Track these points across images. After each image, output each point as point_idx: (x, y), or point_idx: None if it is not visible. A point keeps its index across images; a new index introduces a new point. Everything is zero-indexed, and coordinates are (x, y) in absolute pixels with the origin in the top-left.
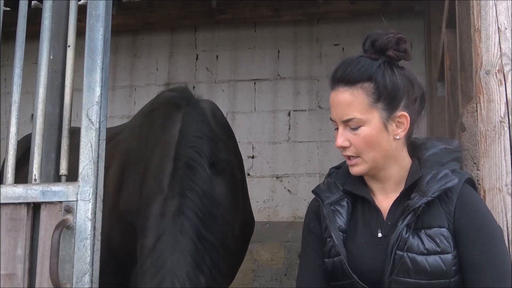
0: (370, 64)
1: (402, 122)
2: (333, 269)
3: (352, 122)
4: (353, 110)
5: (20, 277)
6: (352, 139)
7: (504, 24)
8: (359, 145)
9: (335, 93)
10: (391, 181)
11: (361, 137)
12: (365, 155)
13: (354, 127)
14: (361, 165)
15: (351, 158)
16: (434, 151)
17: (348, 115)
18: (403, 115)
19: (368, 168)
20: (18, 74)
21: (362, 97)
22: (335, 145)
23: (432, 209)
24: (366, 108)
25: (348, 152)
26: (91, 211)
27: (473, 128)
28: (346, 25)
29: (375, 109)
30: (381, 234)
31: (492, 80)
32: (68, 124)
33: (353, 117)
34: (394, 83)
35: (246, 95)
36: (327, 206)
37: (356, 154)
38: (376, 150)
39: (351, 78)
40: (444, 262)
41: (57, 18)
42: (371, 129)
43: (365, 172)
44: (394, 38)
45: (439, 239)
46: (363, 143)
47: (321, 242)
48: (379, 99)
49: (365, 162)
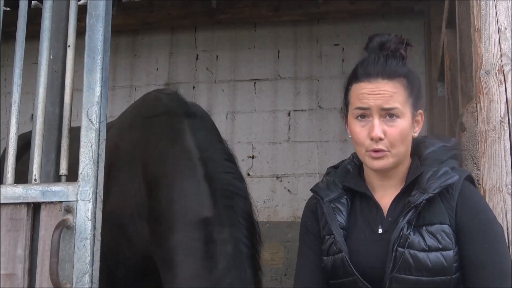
0: (401, 62)
1: (418, 120)
2: (333, 267)
3: (393, 111)
4: (395, 101)
5: (20, 277)
6: (389, 130)
7: (504, 24)
8: (394, 137)
9: (375, 85)
10: (396, 178)
11: (398, 129)
12: (395, 148)
13: (392, 118)
14: (387, 159)
15: (380, 151)
16: (433, 149)
17: (391, 104)
18: (421, 113)
19: (393, 163)
20: (18, 74)
21: (401, 90)
22: (372, 135)
23: (433, 206)
24: (404, 101)
25: (381, 145)
26: (91, 211)
27: (473, 128)
28: (346, 25)
29: (408, 105)
30: (381, 230)
31: (492, 80)
32: (68, 124)
33: (396, 106)
34: (419, 81)
35: (246, 95)
36: (326, 203)
37: (387, 148)
38: (405, 144)
39: (391, 72)
40: (445, 258)
41: (57, 18)
42: (406, 122)
43: (389, 167)
44: (400, 39)
45: (441, 235)
46: (398, 135)
47: (318, 241)
48: (411, 95)
49: (392, 156)
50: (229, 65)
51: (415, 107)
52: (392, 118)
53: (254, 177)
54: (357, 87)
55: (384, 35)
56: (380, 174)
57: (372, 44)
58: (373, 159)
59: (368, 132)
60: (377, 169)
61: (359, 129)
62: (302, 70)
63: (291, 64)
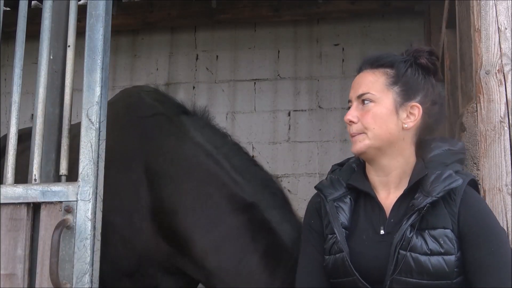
0: (397, 56)
1: (414, 113)
2: (334, 266)
3: (365, 96)
4: (370, 88)
5: (20, 277)
6: (361, 114)
7: (504, 24)
8: (365, 119)
9: (359, 75)
10: (394, 173)
11: (370, 112)
12: (370, 131)
13: (365, 103)
14: (363, 141)
15: (354, 135)
16: (439, 152)
17: (363, 90)
18: (416, 106)
19: (370, 145)
20: (18, 74)
21: (381, 78)
22: (344, 118)
23: (437, 209)
24: (381, 87)
25: (354, 128)
26: (91, 211)
27: (473, 128)
28: (346, 25)
29: (391, 92)
30: (383, 231)
31: (492, 80)
32: (68, 124)
33: (367, 91)
34: (413, 75)
35: (246, 95)
36: (330, 202)
37: (361, 131)
38: (382, 128)
39: (376, 63)
40: (447, 263)
41: (57, 18)
42: (382, 107)
43: (366, 150)
44: (427, 48)
45: (443, 240)
46: (370, 118)
47: (321, 239)
48: (396, 83)
49: (368, 138)
50: (229, 65)
51: (405, 97)
52: (365, 104)
53: None
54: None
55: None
56: (375, 166)
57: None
58: (353, 142)
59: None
60: (355, 153)
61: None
62: (302, 70)
63: (291, 64)
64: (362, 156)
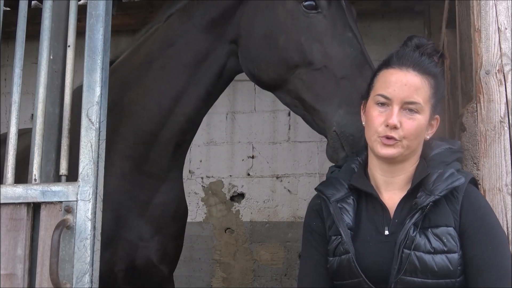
0: (434, 63)
1: (433, 124)
2: (339, 268)
3: (414, 106)
4: (419, 96)
5: (20, 277)
6: (406, 122)
7: (504, 24)
8: (409, 130)
9: (404, 73)
10: (402, 176)
11: (415, 123)
12: (408, 141)
13: (412, 112)
14: (397, 148)
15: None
16: (439, 151)
17: (414, 98)
18: (437, 119)
19: (401, 154)
20: (18, 74)
21: (427, 87)
22: (389, 122)
23: (439, 208)
24: (426, 98)
25: (394, 133)
26: (91, 211)
27: (473, 128)
28: None
29: (429, 104)
30: (387, 231)
31: (492, 80)
32: (68, 124)
33: (418, 102)
34: (444, 88)
35: (246, 95)
36: (333, 203)
37: (400, 138)
38: (418, 141)
39: (423, 67)
40: (450, 261)
41: (57, 18)
42: (424, 120)
43: (396, 157)
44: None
45: (446, 238)
46: (414, 129)
47: (324, 241)
48: (434, 96)
49: (403, 147)
50: None
51: (434, 110)
52: (411, 112)
53: (254, 177)
54: (386, 73)
55: (422, 38)
56: (385, 167)
57: (410, 42)
58: (383, 145)
59: (385, 119)
60: (384, 156)
61: (377, 113)
62: None
63: None
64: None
